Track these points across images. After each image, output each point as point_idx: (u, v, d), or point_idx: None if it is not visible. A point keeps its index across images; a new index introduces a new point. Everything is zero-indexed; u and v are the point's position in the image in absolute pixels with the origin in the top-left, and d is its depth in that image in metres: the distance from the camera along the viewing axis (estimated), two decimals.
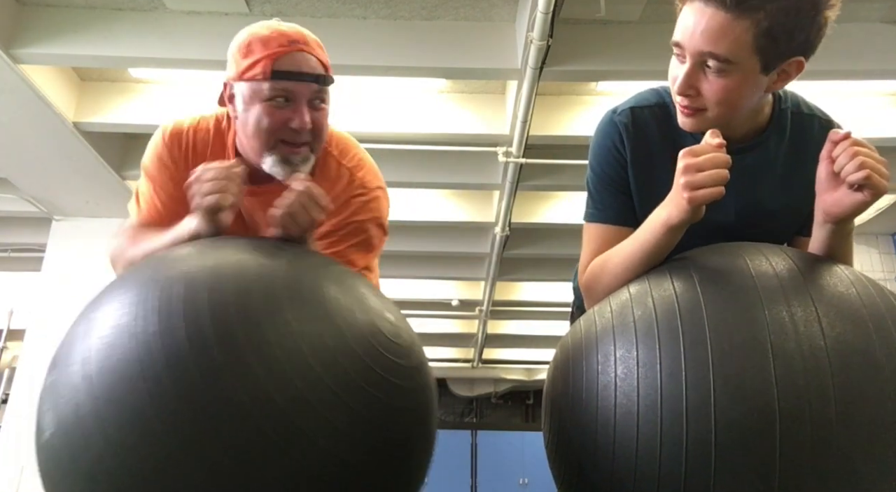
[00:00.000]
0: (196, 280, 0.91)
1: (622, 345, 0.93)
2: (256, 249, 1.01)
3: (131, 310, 0.90)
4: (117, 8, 3.45)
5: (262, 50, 1.19)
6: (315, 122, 1.21)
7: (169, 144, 1.33)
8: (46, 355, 0.93)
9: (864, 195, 0.97)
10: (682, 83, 1.06)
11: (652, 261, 1.05)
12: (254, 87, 1.19)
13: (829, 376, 0.81)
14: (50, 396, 0.93)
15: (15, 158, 4.45)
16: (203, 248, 1.02)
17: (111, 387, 0.85)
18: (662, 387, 0.86)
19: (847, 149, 0.98)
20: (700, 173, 0.95)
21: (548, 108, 4.08)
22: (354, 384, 0.89)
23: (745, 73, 1.04)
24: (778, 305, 0.87)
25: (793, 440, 0.79)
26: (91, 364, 0.88)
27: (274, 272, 0.96)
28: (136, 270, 1.00)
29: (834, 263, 0.99)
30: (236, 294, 0.90)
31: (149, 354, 0.84)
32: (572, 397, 0.97)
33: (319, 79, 1.21)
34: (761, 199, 1.17)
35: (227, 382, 0.83)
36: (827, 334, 0.84)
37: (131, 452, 0.82)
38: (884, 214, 5.05)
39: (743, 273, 0.93)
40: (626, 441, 0.88)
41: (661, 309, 0.93)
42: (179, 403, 0.82)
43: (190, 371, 0.83)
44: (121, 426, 0.83)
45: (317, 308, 0.93)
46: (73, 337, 0.95)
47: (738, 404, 0.82)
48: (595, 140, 1.23)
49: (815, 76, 3.50)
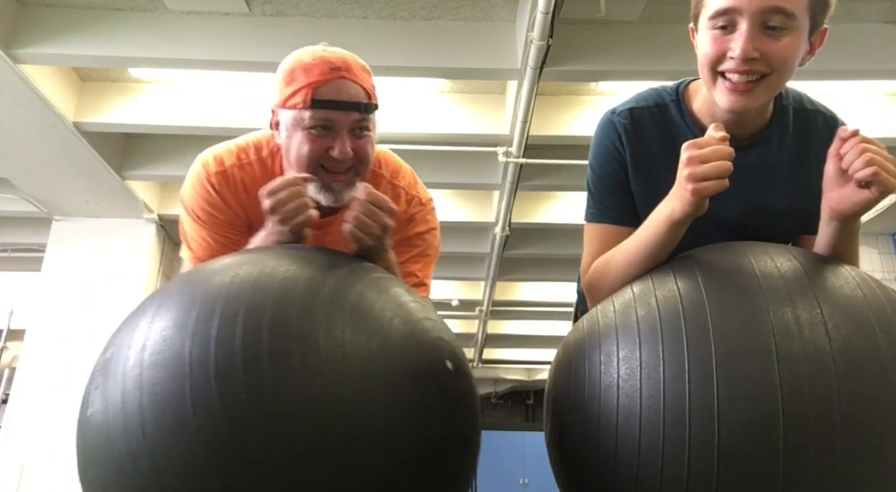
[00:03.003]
0: (262, 293, 0.90)
1: (625, 345, 0.92)
2: (324, 264, 1.01)
3: (195, 312, 0.89)
4: (117, 8, 3.45)
5: (303, 78, 1.19)
6: (357, 149, 1.20)
7: (219, 189, 1.28)
8: (46, 355, 0.94)
9: (871, 192, 0.97)
10: (745, 46, 1.01)
11: (655, 258, 1.04)
12: (295, 116, 1.19)
13: (835, 380, 0.80)
14: (102, 374, 0.92)
15: (15, 158, 4.45)
16: (272, 259, 1.01)
17: (159, 383, 0.84)
18: (665, 388, 0.85)
19: (855, 146, 0.98)
20: (704, 165, 0.95)
21: (548, 108, 4.08)
22: (410, 397, 0.90)
23: (801, 33, 1.03)
24: (783, 307, 0.86)
25: (797, 444, 0.79)
26: (146, 354, 0.87)
27: (328, 288, 0.95)
28: (208, 274, 0.98)
29: (840, 264, 0.97)
30: (294, 311, 0.89)
31: (201, 360, 0.84)
32: (574, 396, 0.97)
33: (360, 107, 1.19)
34: (765, 196, 1.16)
35: (270, 402, 0.83)
36: (832, 337, 0.83)
37: (164, 452, 0.82)
38: (884, 214, 5.05)
39: (748, 273, 0.92)
40: (628, 442, 0.87)
41: (664, 309, 0.92)
42: (222, 414, 0.82)
43: (236, 386, 0.83)
44: (159, 425, 0.82)
45: (365, 320, 0.93)
46: (138, 321, 0.93)
47: (741, 406, 0.81)
48: (595, 140, 1.23)
49: (815, 76, 3.50)
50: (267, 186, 1.12)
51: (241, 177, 1.29)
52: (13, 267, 6.35)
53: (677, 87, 1.21)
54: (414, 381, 0.91)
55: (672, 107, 1.18)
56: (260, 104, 4.09)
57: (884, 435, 0.80)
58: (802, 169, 1.15)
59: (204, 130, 4.14)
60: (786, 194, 1.16)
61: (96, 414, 0.89)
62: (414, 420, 0.90)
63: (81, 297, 5.02)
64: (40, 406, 4.74)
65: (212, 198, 1.28)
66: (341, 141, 1.18)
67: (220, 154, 1.31)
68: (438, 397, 0.94)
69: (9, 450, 4.66)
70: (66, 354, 4.84)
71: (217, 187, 1.28)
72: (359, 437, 0.84)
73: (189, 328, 0.87)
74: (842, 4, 1.04)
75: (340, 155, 1.18)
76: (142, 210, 5.11)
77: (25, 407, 4.78)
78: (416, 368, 0.92)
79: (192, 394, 0.82)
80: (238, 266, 0.96)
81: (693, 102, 1.18)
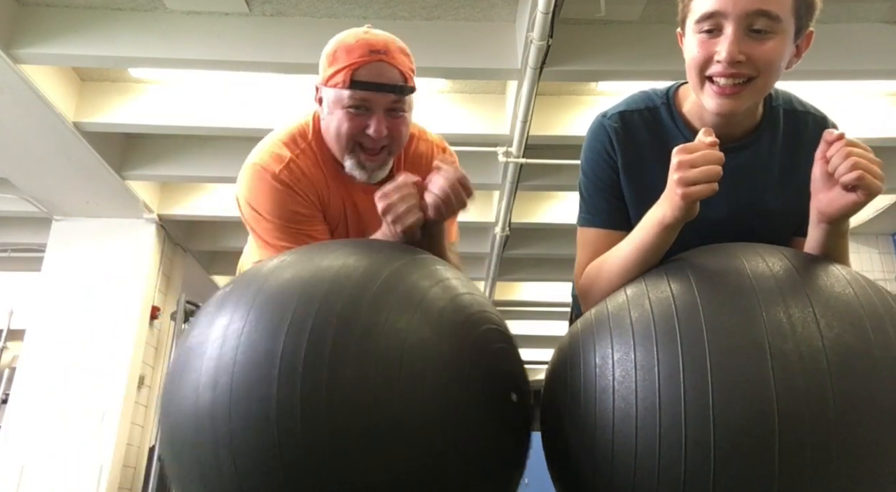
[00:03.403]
0: (332, 292, 0.94)
1: (620, 348, 0.92)
2: (385, 256, 1.05)
3: (276, 314, 0.92)
4: (117, 8, 3.45)
5: (345, 59, 1.25)
6: (392, 129, 1.27)
7: (290, 183, 1.31)
8: (46, 355, 0.93)
9: (857, 196, 0.97)
10: (731, 50, 1.02)
11: (648, 262, 1.04)
12: (336, 95, 1.26)
13: (828, 378, 0.81)
14: (200, 348, 0.94)
15: (15, 158, 4.45)
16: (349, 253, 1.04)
17: (247, 374, 0.88)
18: (661, 390, 0.85)
19: (840, 149, 0.98)
20: (693, 169, 0.95)
21: (548, 108, 4.08)
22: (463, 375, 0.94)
23: (786, 36, 1.04)
24: (775, 307, 0.87)
25: (792, 443, 0.79)
26: (239, 342, 0.90)
27: (387, 278, 0.98)
28: (288, 277, 1.00)
29: (831, 263, 0.98)
30: (358, 304, 0.93)
31: (276, 357, 0.87)
32: (570, 400, 0.97)
33: (396, 89, 1.25)
34: (757, 197, 1.16)
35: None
36: (825, 335, 0.84)
37: (241, 436, 0.86)
38: (884, 214, 5.05)
39: (740, 274, 0.92)
40: (625, 444, 0.87)
41: (658, 311, 0.92)
42: (302, 406, 0.85)
43: (320, 380, 0.87)
44: (242, 407, 0.86)
45: (420, 310, 0.96)
46: (239, 303, 0.96)
47: (736, 406, 0.81)
48: (586, 144, 1.23)
49: (816, 76, 3.50)
50: (382, 189, 1.18)
51: (303, 164, 1.34)
52: (13, 267, 6.35)
53: (668, 90, 1.22)
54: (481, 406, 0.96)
55: (662, 110, 1.19)
56: (260, 104, 4.10)
57: (878, 431, 0.80)
58: (793, 170, 1.15)
59: (204, 129, 4.14)
60: (777, 195, 1.17)
61: (191, 380, 0.92)
62: (476, 441, 0.94)
63: (81, 297, 5.02)
64: (40, 406, 4.74)
65: (288, 193, 1.30)
66: (377, 120, 1.26)
67: (273, 151, 1.34)
68: (501, 427, 1.00)
69: (9, 450, 4.66)
70: (66, 354, 4.84)
71: (289, 181, 1.31)
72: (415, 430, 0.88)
73: (285, 324, 0.90)
74: (842, 4, 1.04)
75: (376, 133, 1.25)
76: (142, 210, 5.11)
77: (25, 407, 4.78)
78: (483, 398, 0.97)
79: (278, 383, 0.85)
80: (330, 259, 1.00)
81: (683, 105, 1.18)
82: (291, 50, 3.44)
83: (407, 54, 1.30)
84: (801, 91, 1.23)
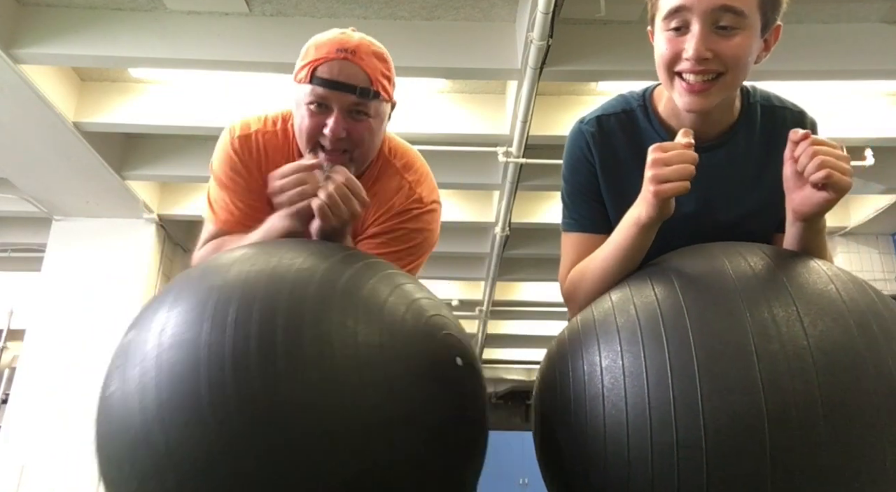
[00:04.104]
0: (277, 283, 0.92)
1: (607, 355, 0.92)
2: (316, 252, 1.02)
3: (213, 299, 0.90)
4: (117, 8, 3.46)
5: (312, 54, 1.23)
6: (351, 132, 1.23)
7: (240, 152, 1.32)
8: (46, 355, 0.93)
9: (827, 194, 0.97)
10: (697, 47, 1.03)
11: (628, 262, 1.05)
12: (300, 90, 1.24)
13: (815, 376, 0.81)
14: (123, 353, 0.93)
15: (15, 158, 4.45)
16: (289, 251, 1.02)
17: (176, 364, 0.85)
18: (650, 396, 0.85)
19: (807, 148, 0.98)
20: (666, 167, 0.96)
21: (548, 108, 4.09)
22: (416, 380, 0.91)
23: (752, 31, 1.05)
24: (759, 307, 0.87)
25: (782, 442, 0.79)
26: (165, 336, 0.88)
27: (332, 275, 0.96)
28: (226, 263, 0.99)
29: (812, 260, 0.98)
30: (308, 302, 0.91)
31: (217, 345, 0.85)
32: (561, 408, 0.97)
33: (356, 90, 1.21)
34: (735, 194, 1.17)
35: (286, 385, 0.84)
36: (809, 333, 0.84)
37: (177, 434, 0.83)
38: (884, 213, 5.05)
39: (723, 275, 0.92)
40: (616, 451, 0.87)
41: (643, 316, 0.92)
42: (236, 400, 0.83)
43: (251, 373, 0.84)
44: (174, 406, 0.83)
45: (371, 309, 0.94)
46: (161, 303, 0.95)
47: (725, 409, 0.81)
48: (566, 152, 1.25)
49: (816, 76, 3.49)
50: (276, 171, 1.16)
51: (264, 143, 1.33)
52: (13, 267, 6.35)
53: (644, 92, 1.23)
54: (425, 373, 0.93)
55: (639, 112, 1.20)
56: (260, 104, 4.10)
57: (866, 428, 0.80)
58: (772, 166, 1.15)
59: (204, 129, 4.14)
60: (755, 191, 1.17)
61: (115, 393, 0.90)
62: (423, 410, 0.90)
63: (81, 297, 5.02)
64: (40, 406, 4.74)
65: (233, 161, 1.32)
66: (335, 120, 1.22)
67: (248, 120, 1.36)
68: (447, 389, 0.95)
69: (9, 450, 4.66)
70: (66, 354, 4.85)
71: (239, 151, 1.32)
72: (367, 426, 0.85)
73: (207, 314, 0.88)
74: (842, 4, 1.04)
75: (331, 133, 1.22)
76: (142, 210, 5.11)
77: (25, 407, 4.78)
78: (427, 362, 0.93)
79: (207, 378, 0.83)
80: (255, 257, 0.98)
81: (659, 106, 1.19)
82: (291, 50, 3.39)
83: (383, 60, 1.27)
84: (801, 91, 1.24)
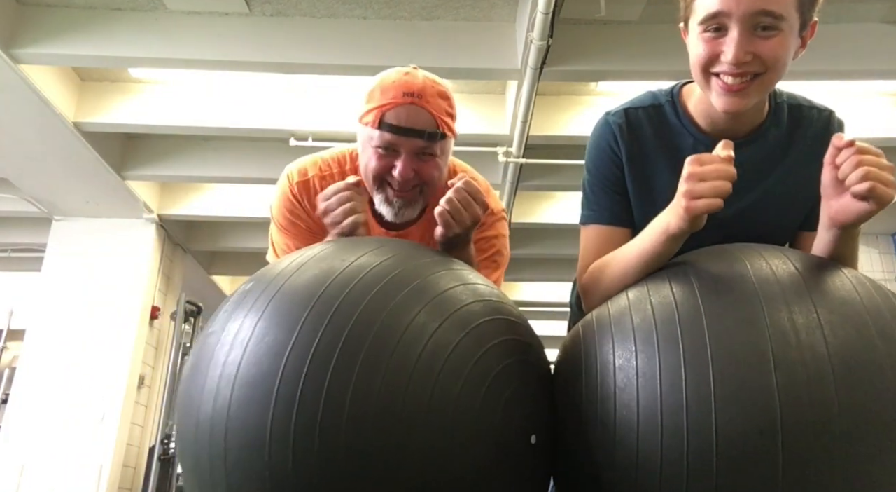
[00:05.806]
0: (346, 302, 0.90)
1: (621, 354, 0.91)
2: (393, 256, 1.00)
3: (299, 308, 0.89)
4: (117, 8, 3.45)
5: (379, 99, 1.25)
6: (421, 172, 1.26)
7: (298, 197, 1.35)
8: (46, 355, 0.93)
9: (869, 205, 0.95)
10: (738, 50, 1.01)
11: (651, 268, 1.03)
12: (367, 133, 1.26)
13: (833, 386, 0.79)
14: (209, 351, 0.92)
15: (15, 158, 4.45)
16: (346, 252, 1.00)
17: (254, 366, 0.86)
18: (662, 398, 0.84)
19: (851, 157, 0.95)
20: (702, 183, 0.93)
21: (548, 108, 4.08)
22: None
23: (791, 31, 1.04)
24: (779, 312, 0.85)
25: (796, 453, 0.77)
26: (247, 344, 0.88)
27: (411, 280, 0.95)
28: (293, 288, 0.96)
29: (836, 266, 0.96)
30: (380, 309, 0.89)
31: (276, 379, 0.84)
32: (571, 406, 0.96)
33: (424, 135, 1.24)
34: (763, 192, 1.16)
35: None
36: (829, 342, 0.81)
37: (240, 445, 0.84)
38: (884, 213, 4.94)
39: (743, 278, 0.90)
40: (625, 453, 0.86)
41: (660, 316, 0.90)
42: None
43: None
44: (243, 410, 0.84)
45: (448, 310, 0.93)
46: (252, 307, 0.93)
47: (739, 416, 0.79)
48: (591, 142, 1.23)
49: (816, 76, 3.50)
50: (321, 193, 1.19)
51: (322, 187, 1.32)
52: (13, 267, 6.35)
53: (672, 88, 1.22)
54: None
55: (667, 107, 1.19)
56: (260, 104, 4.10)
57: (883, 441, 0.78)
58: (799, 164, 1.14)
59: (204, 130, 4.14)
60: (782, 190, 1.16)
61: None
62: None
63: (81, 297, 5.02)
64: (40, 406, 4.74)
65: (293, 207, 1.36)
66: (404, 163, 1.24)
67: (305, 166, 1.38)
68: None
69: (9, 450, 4.66)
70: (66, 354, 4.85)
71: (298, 197, 1.35)
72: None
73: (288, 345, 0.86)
74: (842, 4, 1.04)
75: (400, 176, 1.24)
76: (142, 210, 5.11)
77: (25, 407, 4.78)
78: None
79: (273, 411, 0.82)
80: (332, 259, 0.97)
81: (688, 103, 1.18)
82: (291, 50, 3.44)
83: (447, 98, 1.28)
84: (800, 91, 1.23)
